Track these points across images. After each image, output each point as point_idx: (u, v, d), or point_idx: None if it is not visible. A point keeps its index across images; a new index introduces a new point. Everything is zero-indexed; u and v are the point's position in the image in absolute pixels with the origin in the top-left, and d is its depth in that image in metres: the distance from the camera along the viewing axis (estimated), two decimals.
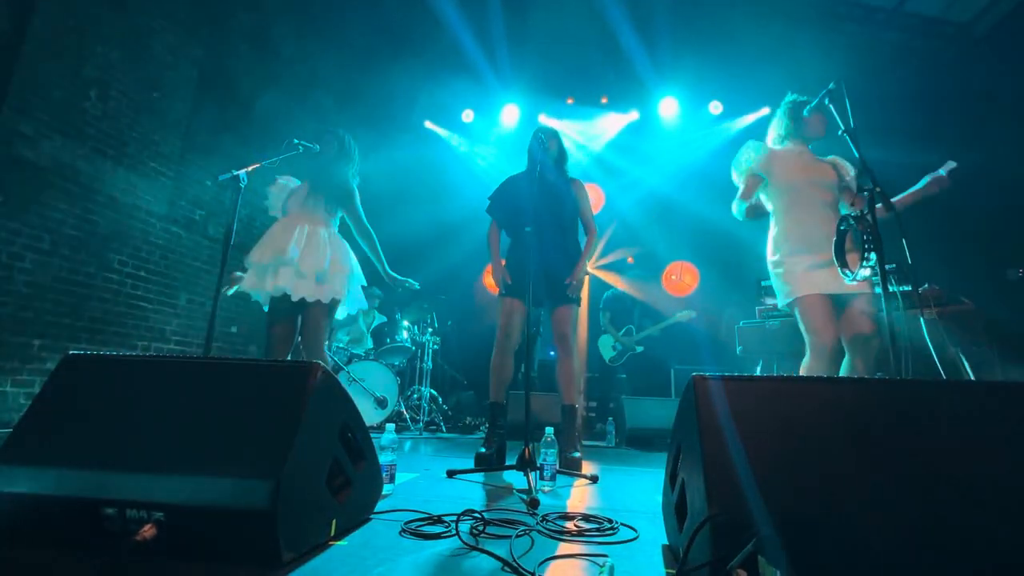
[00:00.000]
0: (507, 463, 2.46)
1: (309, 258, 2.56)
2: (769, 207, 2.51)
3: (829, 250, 2.19)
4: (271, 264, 2.53)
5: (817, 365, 2.22)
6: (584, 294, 6.48)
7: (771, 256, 2.44)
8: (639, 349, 5.36)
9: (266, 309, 2.65)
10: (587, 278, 6.43)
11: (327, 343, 2.93)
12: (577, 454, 2.62)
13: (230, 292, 2.68)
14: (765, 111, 5.82)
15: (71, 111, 3.70)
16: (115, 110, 4.01)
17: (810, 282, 2.25)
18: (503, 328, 2.82)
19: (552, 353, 3.10)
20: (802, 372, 2.28)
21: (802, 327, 2.31)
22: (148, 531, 1.02)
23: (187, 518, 1.06)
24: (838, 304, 2.28)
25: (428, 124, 6.78)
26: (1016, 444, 0.96)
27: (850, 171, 2.45)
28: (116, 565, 0.99)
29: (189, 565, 1.04)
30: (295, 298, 2.52)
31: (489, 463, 2.55)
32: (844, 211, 2.41)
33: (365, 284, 2.80)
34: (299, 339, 2.65)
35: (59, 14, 3.59)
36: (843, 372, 2.25)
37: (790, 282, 2.31)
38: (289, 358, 2.63)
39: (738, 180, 2.55)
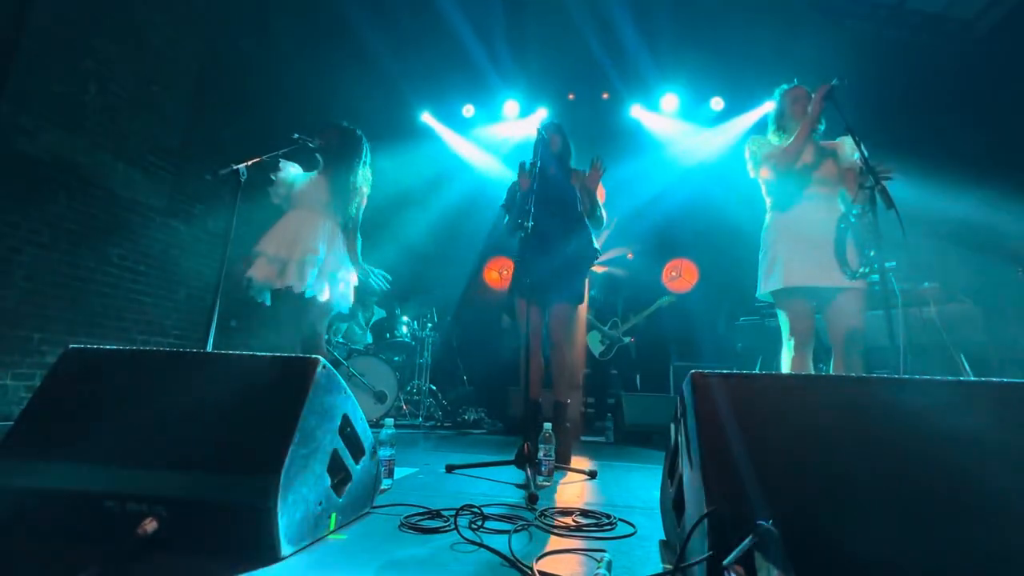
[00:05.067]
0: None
1: (331, 260, 2.58)
2: (767, 200, 2.51)
3: (819, 243, 2.20)
4: (297, 260, 2.50)
5: (795, 356, 2.24)
6: (584, 292, 6.48)
7: (761, 246, 2.45)
8: (627, 340, 5.36)
9: (266, 301, 2.62)
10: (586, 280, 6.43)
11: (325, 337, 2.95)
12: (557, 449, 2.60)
13: (247, 275, 2.59)
14: (767, 107, 5.80)
15: (70, 104, 3.68)
16: (114, 104, 3.99)
17: (795, 274, 2.26)
18: (525, 328, 2.82)
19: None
20: (783, 364, 2.30)
21: (781, 317, 2.33)
22: (149, 525, 1.03)
23: (187, 512, 1.07)
24: (824, 298, 2.29)
25: (428, 119, 6.75)
26: (1016, 443, 0.97)
27: (854, 154, 2.43)
28: (117, 559, 1.00)
29: (189, 559, 1.04)
30: (309, 295, 2.50)
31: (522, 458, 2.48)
32: (843, 201, 2.40)
33: (357, 284, 2.81)
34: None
35: (58, 7, 3.56)
36: (832, 369, 2.26)
37: (776, 272, 2.32)
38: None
39: (754, 174, 2.51)
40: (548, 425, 2.14)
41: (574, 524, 1.41)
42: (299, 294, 2.49)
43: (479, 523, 1.36)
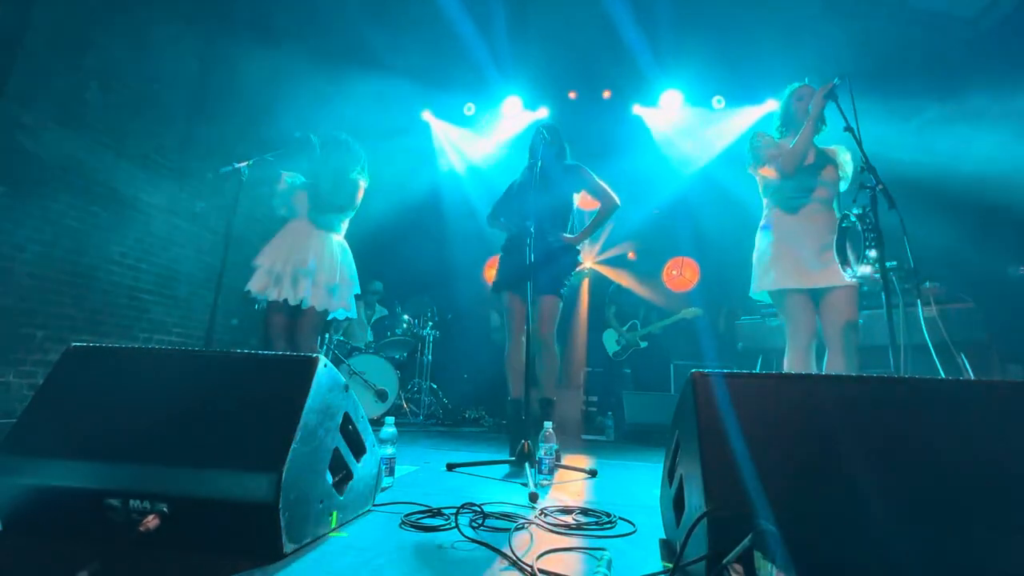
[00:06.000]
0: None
1: (324, 270, 2.64)
2: (765, 198, 2.52)
3: (816, 244, 2.22)
4: (290, 275, 2.59)
5: (796, 357, 2.25)
6: (584, 290, 6.49)
7: (757, 246, 2.46)
8: (643, 345, 5.38)
9: (264, 306, 2.67)
10: (587, 277, 6.44)
11: (320, 338, 3.00)
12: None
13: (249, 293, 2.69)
14: (768, 106, 5.79)
15: (72, 102, 3.68)
16: (116, 101, 3.99)
17: (792, 275, 2.27)
18: (509, 324, 2.84)
19: None
20: (785, 365, 2.31)
21: (782, 319, 2.34)
22: (151, 522, 1.03)
23: (190, 509, 1.07)
24: (819, 297, 2.30)
25: (429, 117, 6.74)
26: (1016, 442, 0.97)
27: (848, 167, 2.44)
28: (119, 556, 1.00)
29: (191, 556, 1.05)
30: (305, 306, 2.58)
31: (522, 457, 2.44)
32: (839, 206, 2.42)
33: (359, 292, 2.85)
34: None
35: (61, 4, 3.57)
36: (826, 365, 2.27)
37: (773, 272, 2.32)
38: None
39: (753, 169, 2.50)
40: (548, 424, 2.14)
41: (574, 523, 1.42)
42: (294, 306, 2.56)
43: (480, 521, 1.36)
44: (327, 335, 4.55)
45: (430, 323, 5.41)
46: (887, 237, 1.90)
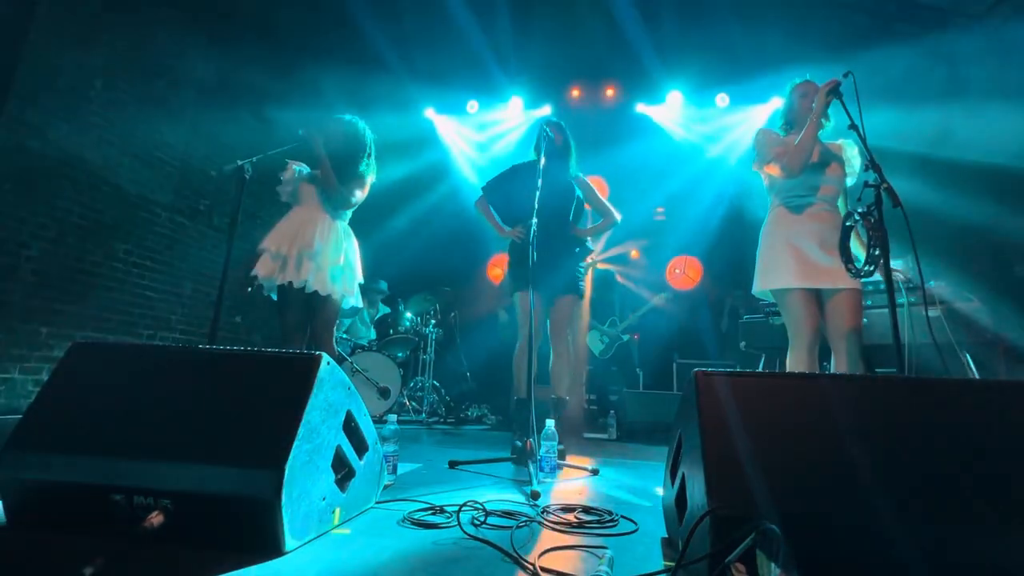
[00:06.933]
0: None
1: (329, 252, 2.60)
2: (771, 196, 2.50)
3: (822, 243, 2.21)
4: (295, 256, 2.54)
5: (798, 357, 2.24)
6: (587, 287, 6.49)
7: (761, 244, 2.44)
8: (626, 338, 5.42)
9: (274, 297, 2.65)
10: (590, 271, 6.44)
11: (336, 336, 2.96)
12: (560, 446, 2.62)
13: (251, 289, 2.68)
14: (773, 104, 5.77)
15: (77, 100, 3.69)
16: (121, 99, 4.00)
17: (797, 273, 2.25)
18: (522, 323, 2.85)
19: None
20: (788, 365, 2.30)
21: (785, 319, 2.33)
22: (155, 518, 1.04)
23: (193, 505, 1.08)
24: (822, 298, 2.28)
25: (433, 115, 6.74)
26: (1019, 442, 0.96)
27: (856, 162, 2.42)
28: (123, 551, 1.01)
29: (194, 552, 1.05)
30: (309, 290, 2.53)
31: (525, 455, 2.47)
32: (842, 207, 2.40)
33: (362, 282, 2.82)
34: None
35: (64, 2, 3.57)
36: (833, 368, 2.26)
37: (778, 271, 2.31)
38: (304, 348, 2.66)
39: (758, 167, 2.49)
40: (550, 422, 2.14)
41: (576, 521, 1.42)
42: (299, 289, 2.52)
43: (481, 519, 1.37)
44: None
45: (433, 321, 5.41)
46: (891, 236, 1.89)
